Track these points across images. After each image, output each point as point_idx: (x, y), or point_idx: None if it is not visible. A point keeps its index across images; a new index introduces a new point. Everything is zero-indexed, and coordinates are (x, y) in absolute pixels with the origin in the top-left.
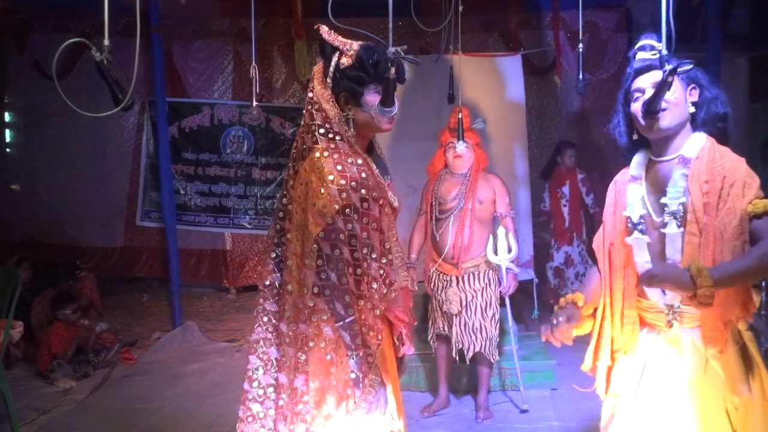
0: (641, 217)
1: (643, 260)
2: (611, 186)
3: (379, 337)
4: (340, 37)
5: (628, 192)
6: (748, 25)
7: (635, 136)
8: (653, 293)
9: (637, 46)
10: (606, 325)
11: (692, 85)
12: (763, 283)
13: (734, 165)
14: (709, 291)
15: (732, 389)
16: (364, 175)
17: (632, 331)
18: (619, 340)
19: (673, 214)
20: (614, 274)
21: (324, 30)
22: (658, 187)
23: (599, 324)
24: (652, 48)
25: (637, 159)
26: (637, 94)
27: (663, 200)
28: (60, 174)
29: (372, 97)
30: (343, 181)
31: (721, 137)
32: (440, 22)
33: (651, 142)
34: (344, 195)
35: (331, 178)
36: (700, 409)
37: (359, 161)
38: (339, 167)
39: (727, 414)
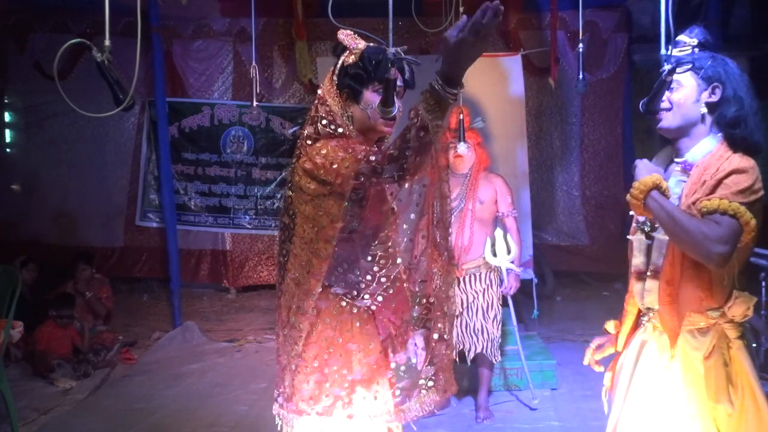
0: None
1: (638, 261)
2: None
3: None
4: (358, 40)
5: None
6: (748, 25)
7: None
8: (635, 293)
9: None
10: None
11: (715, 84)
12: (763, 283)
13: (726, 167)
14: (638, 193)
15: (712, 398)
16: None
17: (625, 324)
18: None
19: None
20: (631, 267)
21: (343, 33)
22: None
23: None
24: (685, 43)
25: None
26: None
27: None
28: (60, 174)
29: (372, 96)
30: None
31: (741, 144)
32: (440, 23)
33: None
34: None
35: (341, 154)
36: (686, 412)
37: (364, 147)
38: (348, 149)
39: (714, 420)
